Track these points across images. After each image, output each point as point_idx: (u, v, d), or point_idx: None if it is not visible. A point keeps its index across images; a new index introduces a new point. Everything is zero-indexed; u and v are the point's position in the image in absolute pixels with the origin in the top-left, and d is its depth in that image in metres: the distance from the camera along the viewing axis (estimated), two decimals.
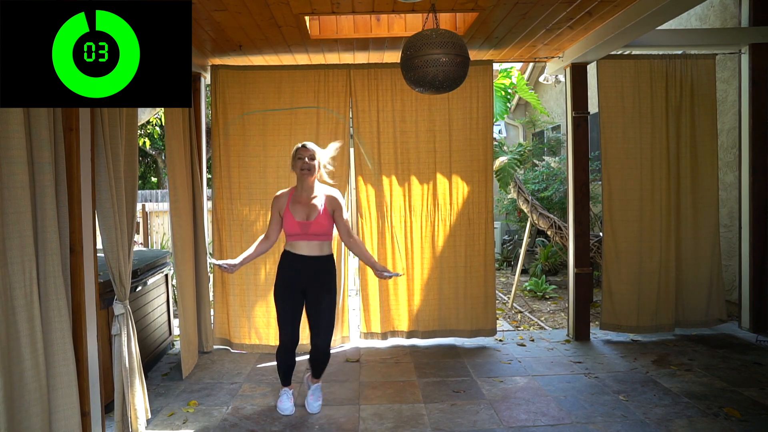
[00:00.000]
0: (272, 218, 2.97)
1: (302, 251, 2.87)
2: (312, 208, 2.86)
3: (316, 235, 2.85)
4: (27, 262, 2.01)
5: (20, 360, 1.98)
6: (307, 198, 2.88)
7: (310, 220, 2.84)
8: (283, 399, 3.02)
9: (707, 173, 4.26)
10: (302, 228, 2.84)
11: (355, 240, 3.00)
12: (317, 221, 2.84)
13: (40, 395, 2.04)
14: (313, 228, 2.84)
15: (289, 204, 2.88)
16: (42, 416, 2.04)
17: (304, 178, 2.86)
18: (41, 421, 2.04)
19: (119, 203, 2.59)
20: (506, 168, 5.66)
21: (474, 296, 4.18)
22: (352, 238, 2.98)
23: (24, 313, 1.99)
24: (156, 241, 7.87)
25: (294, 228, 2.85)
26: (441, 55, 2.73)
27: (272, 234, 2.98)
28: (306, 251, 2.87)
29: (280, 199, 2.95)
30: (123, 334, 2.62)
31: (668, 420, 2.80)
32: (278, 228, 2.96)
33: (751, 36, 4.22)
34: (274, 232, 2.98)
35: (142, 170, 14.42)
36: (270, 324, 4.08)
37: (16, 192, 1.97)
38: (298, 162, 2.86)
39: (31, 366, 2.01)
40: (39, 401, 2.03)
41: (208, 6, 3.04)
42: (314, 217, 2.84)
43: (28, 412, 2.00)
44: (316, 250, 2.88)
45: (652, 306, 4.24)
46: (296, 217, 2.84)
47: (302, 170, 2.84)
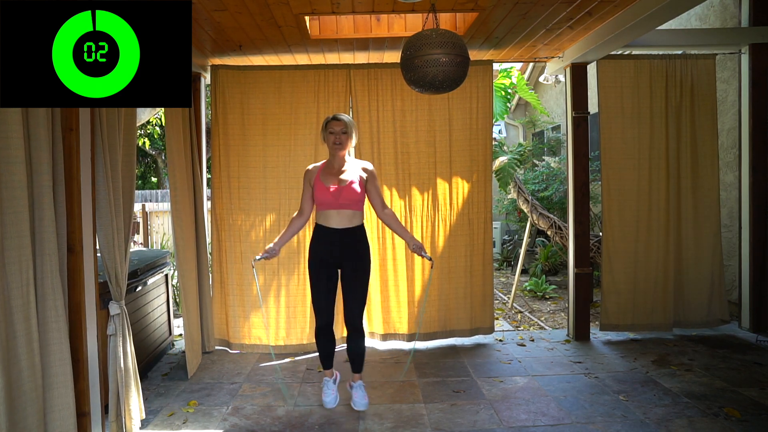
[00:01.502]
0: (304, 191, 2.96)
1: (333, 223, 2.85)
2: (344, 176, 2.86)
3: (347, 204, 2.83)
4: (24, 262, 2.01)
5: (17, 360, 1.98)
6: (339, 169, 2.89)
7: (342, 186, 2.83)
8: (326, 392, 3.04)
9: (707, 173, 4.26)
10: (334, 195, 2.82)
11: (389, 212, 3.00)
12: (349, 187, 2.83)
13: (35, 395, 2.04)
14: (344, 195, 2.82)
15: (319, 174, 2.89)
16: (37, 416, 2.05)
17: (335, 151, 2.86)
18: (37, 420, 2.04)
19: (116, 204, 2.59)
20: (506, 168, 5.66)
21: (473, 295, 4.18)
22: (386, 209, 2.98)
23: (21, 313, 1.99)
24: (156, 241, 7.87)
25: (325, 195, 2.83)
26: (441, 55, 2.73)
27: (306, 208, 2.97)
28: (337, 223, 2.85)
29: (311, 171, 2.95)
30: (119, 334, 2.61)
31: (668, 420, 2.81)
32: (311, 201, 2.96)
33: (751, 36, 4.22)
34: (308, 206, 2.97)
35: (142, 170, 14.43)
36: (269, 324, 4.08)
37: (14, 192, 1.97)
38: (330, 136, 2.86)
39: (28, 366, 2.01)
40: (35, 401, 2.03)
41: (208, 6, 3.04)
42: (346, 183, 2.83)
43: (25, 412, 2.00)
44: (347, 221, 2.86)
45: (651, 306, 4.23)
46: (327, 183, 2.84)
47: (334, 144, 2.85)
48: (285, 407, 3.05)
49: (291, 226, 2.98)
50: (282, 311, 4.08)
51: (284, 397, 3.14)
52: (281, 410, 3.02)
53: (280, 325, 4.09)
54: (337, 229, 2.85)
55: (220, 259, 4.09)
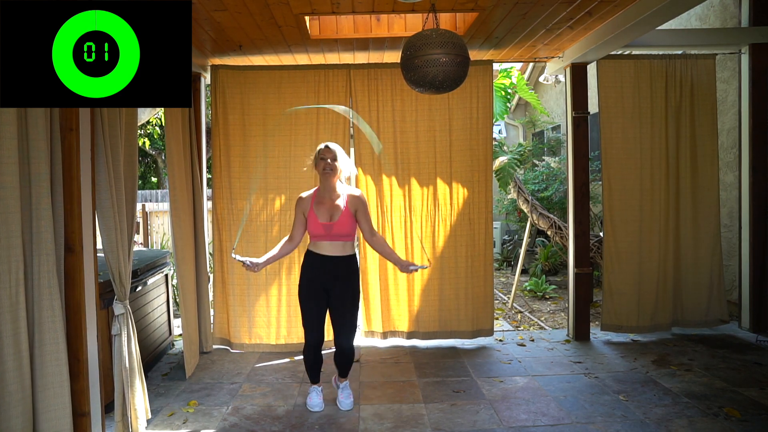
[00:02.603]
0: (296, 220, 3.00)
1: (325, 251, 2.92)
2: (335, 209, 2.90)
3: (339, 236, 2.90)
4: (14, 263, 2.01)
5: (2, 361, 1.98)
6: (330, 199, 2.93)
7: (333, 221, 2.88)
8: (312, 396, 3.06)
9: (707, 173, 4.26)
10: (326, 229, 2.88)
11: (378, 238, 3.05)
12: (340, 222, 2.88)
13: (22, 396, 2.04)
14: (336, 229, 2.88)
15: (312, 205, 2.93)
16: (24, 417, 2.04)
17: (326, 178, 2.90)
18: (23, 422, 2.04)
19: (119, 203, 2.59)
20: (506, 168, 5.66)
21: (474, 296, 4.18)
22: (375, 236, 3.03)
23: (8, 314, 1.99)
24: (156, 241, 7.87)
25: (318, 229, 2.90)
26: (441, 55, 2.73)
27: (296, 235, 3.01)
28: (329, 251, 2.92)
29: (304, 200, 2.98)
30: (123, 334, 2.62)
31: (668, 420, 2.80)
32: (302, 229, 3.00)
33: (751, 36, 4.22)
34: (299, 234, 3.01)
35: (142, 170, 14.42)
36: (270, 323, 4.09)
37: (5, 192, 1.97)
38: (321, 162, 2.90)
39: (14, 367, 2.01)
40: (21, 402, 2.03)
41: (208, 6, 3.04)
42: (337, 218, 2.88)
43: (8, 413, 1.99)
44: (339, 250, 2.92)
45: (652, 306, 4.23)
46: (320, 218, 2.89)
47: (324, 171, 2.89)
48: (285, 407, 3.05)
49: (280, 250, 3.00)
50: (283, 310, 4.09)
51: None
52: (281, 410, 3.02)
53: (282, 324, 4.09)
54: (329, 256, 2.91)
55: (221, 259, 4.10)
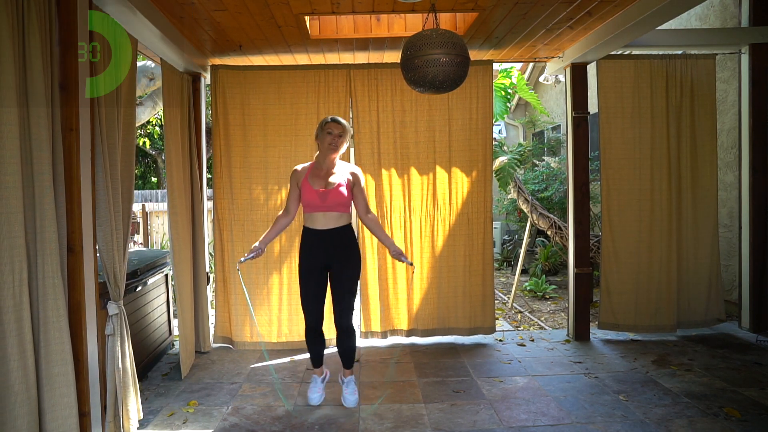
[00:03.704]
0: (290, 191, 2.96)
1: (319, 225, 2.87)
2: (331, 176, 2.86)
3: (333, 206, 2.84)
4: (18, 263, 2.01)
5: (6, 361, 1.98)
6: (327, 171, 2.89)
7: (329, 189, 2.83)
8: (312, 388, 3.05)
9: (707, 173, 4.26)
10: (320, 197, 2.82)
11: (372, 216, 3.00)
12: (335, 190, 2.83)
13: (27, 396, 2.03)
14: (331, 197, 2.83)
15: (307, 176, 2.89)
16: (29, 417, 2.04)
17: (328, 152, 2.86)
18: (28, 422, 2.04)
19: (115, 203, 2.59)
20: (506, 168, 5.66)
21: (473, 295, 4.19)
22: (369, 214, 2.99)
23: (12, 314, 1.99)
24: (156, 241, 7.88)
25: (312, 197, 2.84)
26: (441, 55, 2.73)
27: (291, 207, 2.97)
28: (323, 224, 2.86)
29: (298, 172, 2.95)
30: (117, 334, 2.61)
31: (668, 420, 2.81)
32: (297, 201, 2.96)
33: (751, 36, 4.22)
34: (293, 206, 2.97)
35: (142, 170, 14.42)
36: (272, 321, 4.09)
37: (7, 192, 1.97)
38: (327, 137, 2.85)
39: (18, 367, 2.00)
40: (26, 402, 2.03)
41: (208, 6, 3.05)
42: (333, 186, 2.83)
43: (14, 413, 1.99)
44: (333, 222, 2.87)
45: (651, 306, 4.23)
46: (314, 185, 2.84)
47: (330, 145, 2.84)
48: (285, 407, 3.05)
49: (276, 225, 2.97)
50: (284, 308, 4.09)
51: (282, 399, 3.14)
52: (281, 410, 3.02)
53: (282, 322, 4.10)
54: (324, 230, 2.87)
55: (222, 258, 4.10)
